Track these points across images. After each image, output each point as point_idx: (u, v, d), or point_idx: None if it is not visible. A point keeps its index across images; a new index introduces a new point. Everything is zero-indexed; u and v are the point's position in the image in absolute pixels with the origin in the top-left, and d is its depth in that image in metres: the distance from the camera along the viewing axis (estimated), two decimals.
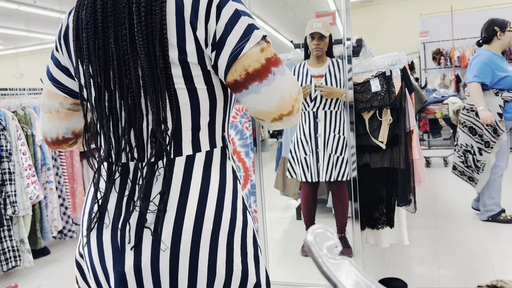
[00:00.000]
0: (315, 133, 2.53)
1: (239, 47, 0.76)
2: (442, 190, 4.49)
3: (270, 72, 0.77)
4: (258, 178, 2.23)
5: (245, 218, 0.85)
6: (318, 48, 2.48)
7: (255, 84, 0.77)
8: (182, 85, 0.78)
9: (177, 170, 0.79)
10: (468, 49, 7.37)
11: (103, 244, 0.80)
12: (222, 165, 0.85)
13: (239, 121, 2.31)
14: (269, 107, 0.79)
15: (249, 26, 0.77)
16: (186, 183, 0.79)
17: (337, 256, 0.43)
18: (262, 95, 0.78)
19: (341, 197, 2.67)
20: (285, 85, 0.79)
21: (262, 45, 0.78)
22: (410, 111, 2.24)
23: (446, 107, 5.51)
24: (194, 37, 0.76)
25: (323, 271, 0.41)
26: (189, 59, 0.77)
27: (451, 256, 2.73)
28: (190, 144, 0.81)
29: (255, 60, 0.76)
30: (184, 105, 0.79)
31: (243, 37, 0.76)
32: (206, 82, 0.80)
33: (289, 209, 4.03)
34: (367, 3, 8.73)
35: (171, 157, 0.80)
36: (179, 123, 0.80)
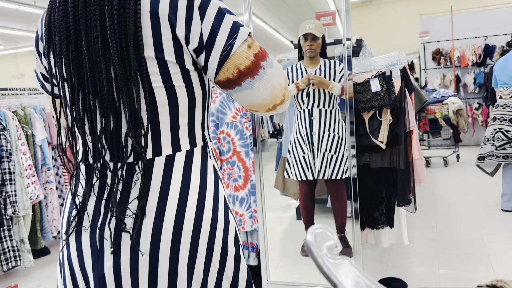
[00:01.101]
0: (310, 131, 2.55)
1: (228, 46, 0.77)
2: (442, 190, 4.49)
3: (260, 67, 0.79)
4: (258, 178, 2.23)
5: (226, 218, 0.85)
6: (311, 49, 2.50)
7: (248, 80, 0.79)
8: (160, 83, 0.78)
9: (156, 171, 0.79)
10: (468, 49, 7.37)
11: (82, 247, 0.80)
12: (203, 165, 0.85)
13: (239, 121, 2.31)
14: (263, 100, 0.82)
15: (234, 24, 0.78)
16: (165, 183, 0.79)
17: (337, 256, 0.43)
18: (256, 90, 0.80)
19: (338, 196, 2.67)
20: (275, 77, 0.81)
21: (248, 42, 0.79)
22: (410, 111, 2.24)
23: (446, 107, 5.51)
24: (173, 35, 0.76)
25: (323, 271, 0.41)
26: (167, 57, 0.77)
27: (451, 256, 2.73)
28: (170, 143, 0.81)
29: (245, 58, 0.78)
30: (162, 104, 0.79)
31: (231, 35, 0.77)
32: (185, 80, 0.80)
33: (289, 209, 4.03)
34: (367, 3, 8.73)
35: (151, 157, 0.79)
36: (157, 122, 0.79)
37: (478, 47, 7.30)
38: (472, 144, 7.45)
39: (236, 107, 2.32)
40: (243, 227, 2.31)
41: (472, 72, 7.42)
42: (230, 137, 2.31)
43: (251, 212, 2.30)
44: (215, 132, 2.34)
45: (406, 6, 8.45)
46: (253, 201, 2.29)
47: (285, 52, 3.53)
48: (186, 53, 0.78)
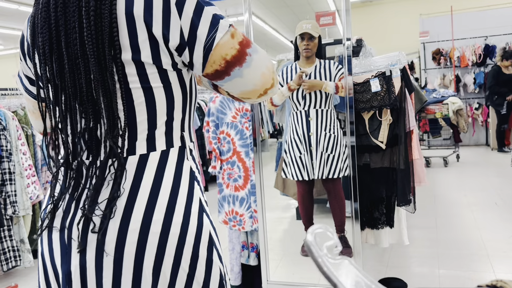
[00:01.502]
0: (308, 131, 2.56)
1: (210, 38, 0.77)
2: (442, 190, 4.49)
3: (246, 54, 0.79)
4: (258, 178, 2.23)
5: (200, 222, 0.83)
6: (307, 49, 2.51)
7: (236, 69, 0.79)
8: (137, 84, 0.78)
9: (129, 170, 0.79)
10: (468, 49, 7.37)
11: (53, 244, 0.81)
12: (178, 166, 0.83)
13: (239, 121, 2.31)
14: (254, 86, 0.82)
15: (214, 16, 0.78)
16: (136, 183, 0.78)
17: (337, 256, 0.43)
18: (246, 77, 0.80)
19: (336, 195, 2.67)
20: (262, 61, 0.81)
21: (231, 31, 0.79)
22: (410, 111, 2.24)
23: (446, 107, 5.51)
24: (149, 35, 0.76)
25: (323, 271, 0.41)
26: (143, 58, 0.76)
27: (451, 256, 2.73)
28: (145, 143, 0.81)
29: (230, 47, 0.78)
30: (139, 104, 0.79)
31: (212, 27, 0.77)
32: (162, 80, 0.80)
33: (289, 209, 4.03)
34: (367, 3, 8.73)
35: (124, 156, 0.79)
36: (134, 122, 0.79)
37: (478, 47, 7.30)
38: (472, 144, 7.45)
39: (236, 107, 2.32)
40: (243, 227, 2.31)
41: (472, 72, 7.42)
42: (230, 137, 2.31)
43: (251, 212, 2.30)
44: (215, 132, 2.34)
45: (406, 6, 8.44)
46: (253, 201, 2.29)
47: (285, 52, 3.53)
48: (164, 53, 0.78)
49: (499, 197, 4.00)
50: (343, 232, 2.76)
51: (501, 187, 4.38)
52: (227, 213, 2.33)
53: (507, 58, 6.22)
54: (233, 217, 2.31)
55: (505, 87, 6.25)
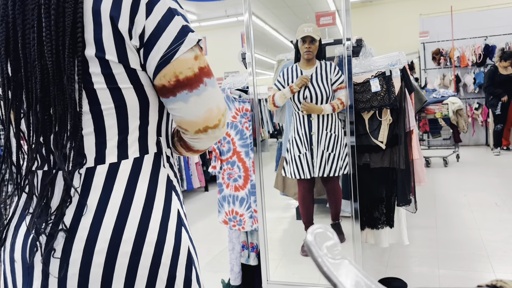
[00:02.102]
0: (309, 131, 2.61)
1: (171, 50, 0.70)
2: (442, 190, 4.49)
3: (202, 82, 0.73)
4: (258, 178, 2.23)
5: (177, 240, 0.75)
6: (308, 52, 2.55)
7: (184, 92, 0.72)
8: (103, 84, 0.71)
9: (97, 181, 0.71)
10: (468, 49, 7.37)
11: (15, 262, 0.74)
12: (153, 175, 0.76)
13: (239, 121, 2.32)
14: (195, 117, 0.74)
15: (183, 28, 0.72)
16: (104, 196, 0.70)
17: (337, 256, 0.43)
18: (190, 105, 0.73)
19: (334, 191, 2.76)
20: (214, 98, 0.74)
21: (196, 52, 0.72)
22: (410, 111, 2.24)
23: (445, 107, 5.52)
24: (114, 30, 0.69)
25: (323, 271, 0.41)
26: (108, 56, 0.70)
27: (451, 256, 2.73)
28: (116, 150, 0.73)
29: (188, 68, 0.71)
30: (107, 108, 0.72)
31: (177, 39, 0.70)
32: (132, 81, 0.73)
33: (289, 209, 4.02)
34: (367, 3, 8.72)
35: (92, 165, 0.71)
36: (103, 127, 0.72)
37: (478, 47, 7.31)
38: (472, 144, 7.45)
39: (236, 107, 2.32)
40: (243, 227, 2.31)
41: (472, 72, 7.43)
42: (230, 137, 2.31)
43: (251, 212, 2.30)
44: None
45: (406, 6, 8.44)
46: (253, 201, 2.29)
47: (285, 52, 3.52)
48: (131, 51, 0.71)
49: (499, 197, 4.00)
50: (338, 220, 2.82)
51: (501, 187, 4.38)
52: (227, 213, 2.33)
53: (506, 59, 6.23)
54: (233, 217, 2.31)
55: (500, 88, 6.26)
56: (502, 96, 6.24)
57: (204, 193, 5.34)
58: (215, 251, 3.23)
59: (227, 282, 2.44)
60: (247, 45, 2.17)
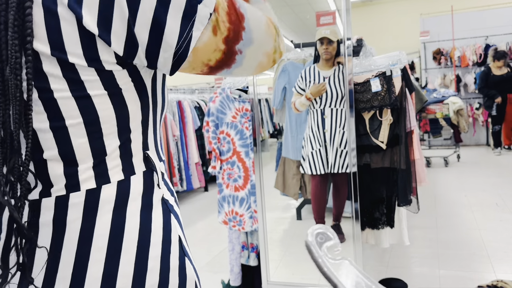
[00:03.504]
0: (323, 128, 2.72)
1: (184, 41, 0.54)
2: (443, 190, 4.48)
3: (235, 53, 0.58)
4: (258, 178, 2.22)
5: (183, 277, 0.62)
6: (327, 52, 2.67)
7: (224, 70, 0.61)
8: (66, 92, 0.54)
9: (73, 214, 0.55)
10: (468, 49, 7.36)
11: None
12: (145, 199, 0.60)
13: (239, 121, 2.31)
14: (247, 74, 0.65)
15: (188, 2, 0.53)
16: (86, 233, 0.55)
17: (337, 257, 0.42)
18: (236, 73, 0.63)
19: (341, 188, 2.86)
20: (258, 51, 0.60)
21: (212, 24, 0.55)
22: (411, 111, 2.24)
23: (446, 107, 5.51)
24: (79, 27, 0.52)
25: (323, 272, 0.41)
26: (72, 59, 0.53)
27: (451, 256, 2.73)
28: (92, 172, 0.57)
29: (213, 50, 0.57)
30: (74, 123, 0.55)
31: (185, 21, 0.53)
32: (107, 86, 0.56)
33: (289, 209, 4.02)
34: (367, 2, 8.72)
35: (64, 193, 0.56)
36: (69, 146, 0.55)
37: (478, 46, 7.30)
38: (472, 144, 7.44)
39: (236, 107, 2.32)
40: (243, 228, 2.31)
41: (473, 72, 7.42)
42: (230, 137, 2.31)
43: (251, 212, 2.30)
44: (215, 132, 2.34)
45: (407, 5, 8.44)
46: (253, 201, 2.28)
47: (285, 52, 3.52)
48: (104, 49, 0.53)
49: (500, 197, 3.99)
50: (339, 221, 2.92)
51: (501, 187, 4.38)
52: (227, 213, 2.32)
53: (499, 59, 6.22)
54: (233, 217, 2.31)
55: (495, 89, 6.24)
56: (496, 98, 6.25)
57: (204, 193, 5.34)
58: (215, 251, 3.22)
59: (227, 282, 2.43)
60: None
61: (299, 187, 3.35)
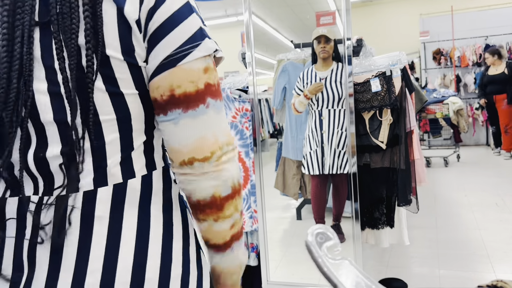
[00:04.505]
0: (320, 129, 2.71)
1: (183, 51, 0.55)
2: (443, 190, 4.48)
3: (203, 102, 0.57)
4: (258, 178, 2.22)
5: (199, 267, 0.64)
6: (324, 51, 2.64)
7: (177, 111, 0.57)
8: (101, 88, 0.55)
9: (101, 209, 0.56)
10: (468, 49, 7.36)
11: None
12: (166, 194, 0.63)
13: (239, 121, 2.31)
14: (182, 146, 0.58)
15: (201, 30, 0.58)
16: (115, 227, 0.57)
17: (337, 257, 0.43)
18: (180, 128, 0.57)
19: (341, 189, 2.84)
20: (214, 125, 0.58)
21: (208, 64, 0.57)
22: (411, 111, 2.24)
23: (446, 107, 5.51)
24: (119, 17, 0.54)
25: (323, 272, 0.41)
26: (109, 51, 0.54)
27: (451, 256, 2.73)
28: (119, 168, 0.59)
29: (191, 81, 0.56)
30: (107, 119, 0.57)
31: (192, 40, 0.56)
32: (138, 85, 0.58)
33: (289, 209, 4.02)
34: (367, 2, 8.72)
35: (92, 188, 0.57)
36: (102, 141, 0.57)
37: (478, 47, 7.30)
38: (472, 144, 7.44)
39: (236, 107, 2.32)
40: (243, 227, 2.31)
41: (473, 72, 7.42)
42: None
43: (251, 212, 2.30)
44: None
45: (407, 5, 8.44)
46: (253, 201, 2.28)
47: (285, 51, 3.52)
48: (139, 43, 0.56)
49: (500, 197, 3.99)
50: (339, 221, 2.90)
51: (501, 187, 4.38)
52: None
53: (492, 53, 6.17)
54: None
55: (485, 89, 6.23)
56: (481, 98, 6.28)
57: None
58: None
59: None
60: (247, 45, 2.16)
61: (299, 187, 3.35)
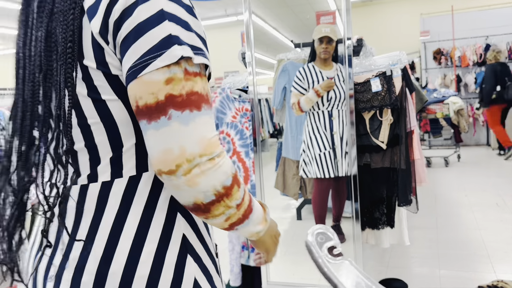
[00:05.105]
0: (331, 130, 2.63)
1: (143, 62, 0.56)
2: (443, 190, 4.48)
3: (164, 114, 0.56)
4: (258, 178, 2.22)
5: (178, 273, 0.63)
6: (326, 51, 2.59)
7: (143, 122, 0.58)
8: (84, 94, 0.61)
9: (89, 204, 0.63)
10: (468, 49, 7.36)
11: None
12: (152, 195, 0.64)
13: (239, 121, 2.31)
14: (150, 156, 0.59)
15: (169, 38, 0.56)
16: (95, 221, 0.62)
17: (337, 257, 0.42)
18: (148, 137, 0.58)
19: (342, 190, 2.80)
20: (179, 137, 0.56)
21: (172, 74, 0.56)
22: (411, 111, 2.24)
23: (446, 107, 5.51)
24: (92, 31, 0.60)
25: (323, 272, 0.41)
26: (86, 61, 0.60)
27: (451, 256, 2.73)
28: (109, 167, 0.63)
29: (151, 93, 0.56)
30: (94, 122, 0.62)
31: (155, 49, 0.55)
32: (117, 92, 0.61)
33: (289, 209, 4.02)
34: (367, 2, 8.72)
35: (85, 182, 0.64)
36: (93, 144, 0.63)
37: (479, 46, 7.30)
38: (473, 144, 7.44)
39: (236, 107, 2.31)
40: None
41: (473, 72, 7.42)
42: (230, 137, 2.31)
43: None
44: None
45: (407, 5, 8.44)
46: None
47: (285, 51, 3.52)
48: (109, 55, 0.60)
49: (500, 197, 3.99)
50: (339, 222, 2.87)
51: (502, 187, 4.37)
52: None
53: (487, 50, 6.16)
54: None
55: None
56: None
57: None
58: None
59: (227, 283, 2.43)
60: (247, 45, 2.16)
61: (299, 187, 3.35)
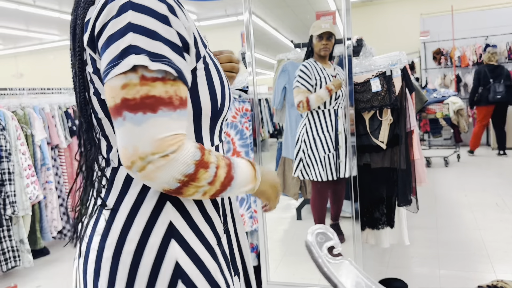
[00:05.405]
0: (336, 130, 2.55)
1: (106, 70, 0.65)
2: (443, 190, 4.48)
3: (120, 115, 0.63)
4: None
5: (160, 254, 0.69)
6: (326, 48, 2.53)
7: (118, 120, 0.66)
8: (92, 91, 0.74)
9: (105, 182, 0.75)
10: (468, 49, 7.36)
11: None
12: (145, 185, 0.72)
13: (239, 121, 2.31)
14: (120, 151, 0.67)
15: (128, 48, 0.63)
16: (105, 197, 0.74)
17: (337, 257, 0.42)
18: (116, 135, 0.67)
19: (342, 191, 2.74)
20: (131, 137, 0.62)
21: (128, 80, 0.62)
22: (411, 111, 2.24)
23: (446, 107, 5.51)
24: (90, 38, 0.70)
25: (323, 272, 0.41)
26: (87, 68, 0.74)
27: (451, 256, 2.73)
28: (117, 156, 0.75)
29: (112, 96, 0.64)
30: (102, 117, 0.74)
31: (115, 59, 0.63)
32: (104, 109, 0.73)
33: (289, 209, 4.02)
34: (367, 2, 8.72)
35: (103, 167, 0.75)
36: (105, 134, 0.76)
37: (478, 46, 7.30)
38: None
39: (236, 107, 2.31)
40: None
41: (473, 72, 7.41)
42: (230, 137, 2.31)
43: (251, 212, 2.30)
44: None
45: (407, 5, 8.44)
46: (253, 201, 2.28)
47: (285, 52, 3.51)
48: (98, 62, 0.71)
49: (500, 197, 3.99)
50: (337, 221, 2.81)
51: (501, 187, 4.38)
52: None
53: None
54: None
55: None
56: None
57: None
58: None
59: None
60: (247, 45, 2.16)
61: (299, 187, 3.35)
